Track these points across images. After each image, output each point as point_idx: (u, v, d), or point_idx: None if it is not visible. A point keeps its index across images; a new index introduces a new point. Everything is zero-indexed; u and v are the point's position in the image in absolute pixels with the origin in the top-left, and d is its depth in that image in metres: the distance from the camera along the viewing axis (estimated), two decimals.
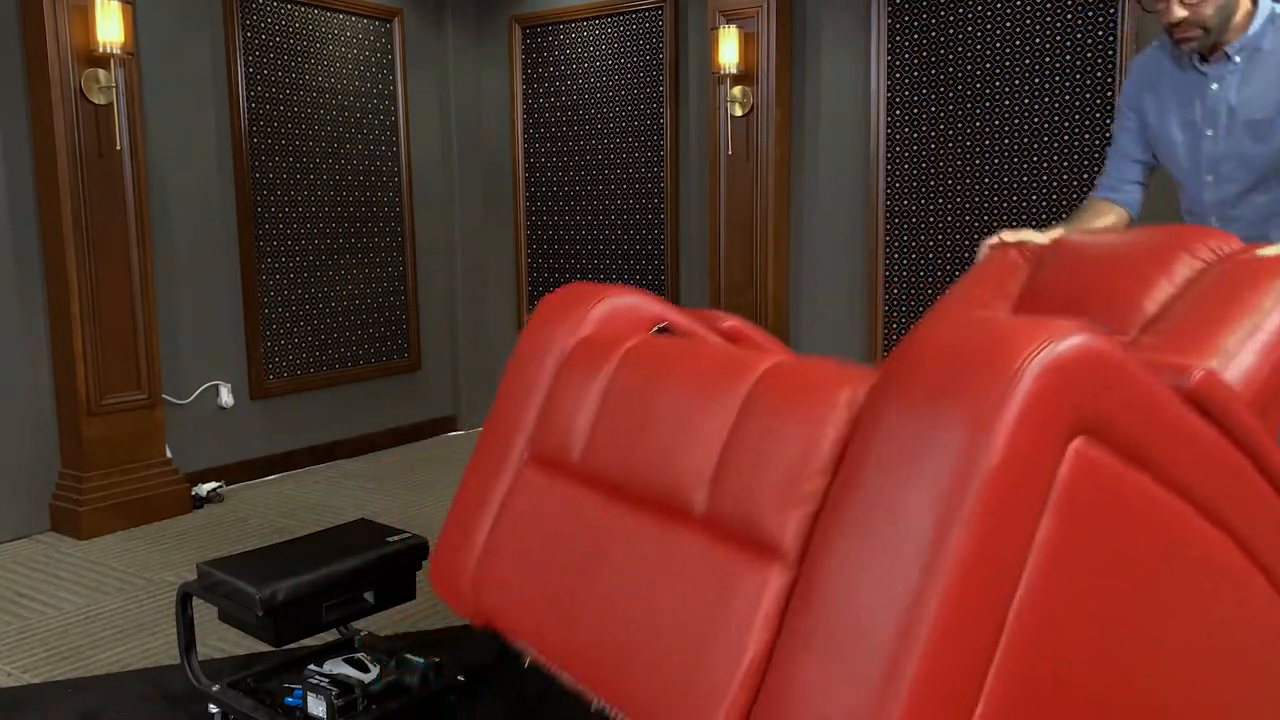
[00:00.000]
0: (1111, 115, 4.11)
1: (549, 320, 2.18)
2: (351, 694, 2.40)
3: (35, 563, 3.86)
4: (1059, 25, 4.21)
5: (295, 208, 5.12)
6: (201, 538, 4.10)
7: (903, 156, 4.66)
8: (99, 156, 4.06)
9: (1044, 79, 4.26)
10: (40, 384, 4.17)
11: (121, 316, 4.19)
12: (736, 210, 4.93)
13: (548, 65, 5.72)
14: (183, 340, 4.64)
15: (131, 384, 4.24)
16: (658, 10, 5.30)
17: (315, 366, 5.27)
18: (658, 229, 5.45)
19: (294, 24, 5.06)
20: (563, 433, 2.01)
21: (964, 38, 4.44)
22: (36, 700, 2.74)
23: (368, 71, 5.41)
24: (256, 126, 4.93)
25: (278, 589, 2.37)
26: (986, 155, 4.43)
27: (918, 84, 4.59)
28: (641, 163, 5.46)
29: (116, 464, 4.21)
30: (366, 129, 5.43)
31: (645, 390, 1.85)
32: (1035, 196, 4.30)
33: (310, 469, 5.20)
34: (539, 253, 5.90)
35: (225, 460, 4.83)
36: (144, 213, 4.23)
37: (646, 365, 1.91)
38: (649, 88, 5.38)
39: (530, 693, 2.71)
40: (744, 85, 4.83)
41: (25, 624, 3.27)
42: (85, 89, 3.99)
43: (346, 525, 2.92)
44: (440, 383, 5.95)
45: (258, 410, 5.01)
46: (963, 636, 1.21)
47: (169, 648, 3.02)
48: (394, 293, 5.64)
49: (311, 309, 5.23)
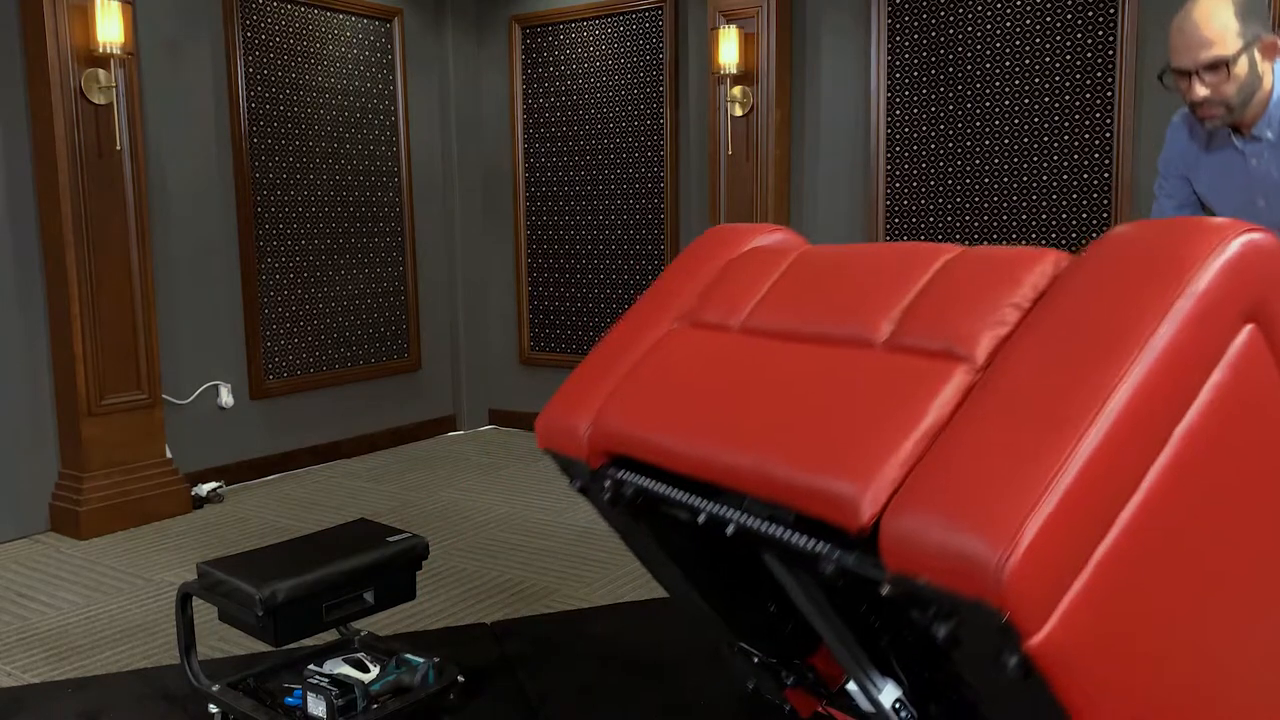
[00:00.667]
0: (1111, 115, 4.11)
1: (719, 235, 2.28)
2: (351, 694, 2.40)
3: (35, 563, 3.86)
4: (1059, 25, 4.21)
5: (295, 208, 5.12)
6: (201, 538, 4.10)
7: (903, 156, 4.66)
8: (99, 156, 4.06)
9: (1044, 79, 4.26)
10: (40, 384, 4.17)
11: (121, 316, 4.19)
12: (736, 210, 4.93)
13: (548, 65, 5.72)
14: (183, 340, 4.64)
15: (131, 384, 4.24)
16: (658, 10, 5.30)
17: (315, 366, 5.27)
18: (658, 229, 5.44)
19: (294, 24, 5.06)
20: (726, 306, 2.03)
21: (964, 38, 4.44)
22: (36, 700, 2.74)
23: (368, 71, 5.41)
24: (256, 126, 4.93)
25: (278, 589, 2.37)
26: (986, 155, 4.43)
27: (918, 84, 4.59)
28: (641, 163, 5.46)
29: (116, 464, 4.21)
30: (366, 129, 5.43)
31: (828, 266, 1.95)
32: (1035, 196, 4.30)
33: (310, 469, 5.20)
34: (539, 253, 5.90)
35: (225, 460, 4.83)
36: (144, 213, 4.23)
37: (829, 255, 2.01)
38: (649, 88, 5.38)
39: (530, 693, 2.72)
40: (744, 85, 4.83)
41: (25, 624, 3.27)
42: (85, 89, 3.99)
43: (346, 525, 2.93)
44: (440, 383, 5.95)
45: (258, 410, 5.01)
46: (1115, 464, 1.31)
47: (169, 648, 3.02)
48: (394, 293, 5.64)
49: (311, 309, 5.24)
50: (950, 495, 1.36)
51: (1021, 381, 1.43)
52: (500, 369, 6.09)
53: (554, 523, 4.23)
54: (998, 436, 1.38)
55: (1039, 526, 1.25)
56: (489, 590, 3.49)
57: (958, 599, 1.31)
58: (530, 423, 6.78)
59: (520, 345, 5.99)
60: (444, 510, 4.44)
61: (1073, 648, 1.32)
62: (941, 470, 1.41)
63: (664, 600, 3.42)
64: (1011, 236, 4.34)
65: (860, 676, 1.97)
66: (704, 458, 1.75)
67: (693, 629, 3.11)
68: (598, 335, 5.70)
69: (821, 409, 1.65)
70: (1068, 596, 1.29)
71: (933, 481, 1.40)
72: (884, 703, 2.00)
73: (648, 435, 1.91)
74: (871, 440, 1.51)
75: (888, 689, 2.02)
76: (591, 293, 5.72)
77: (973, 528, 1.29)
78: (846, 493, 1.48)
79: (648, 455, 1.88)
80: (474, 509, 4.45)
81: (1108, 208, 4.15)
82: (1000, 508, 1.28)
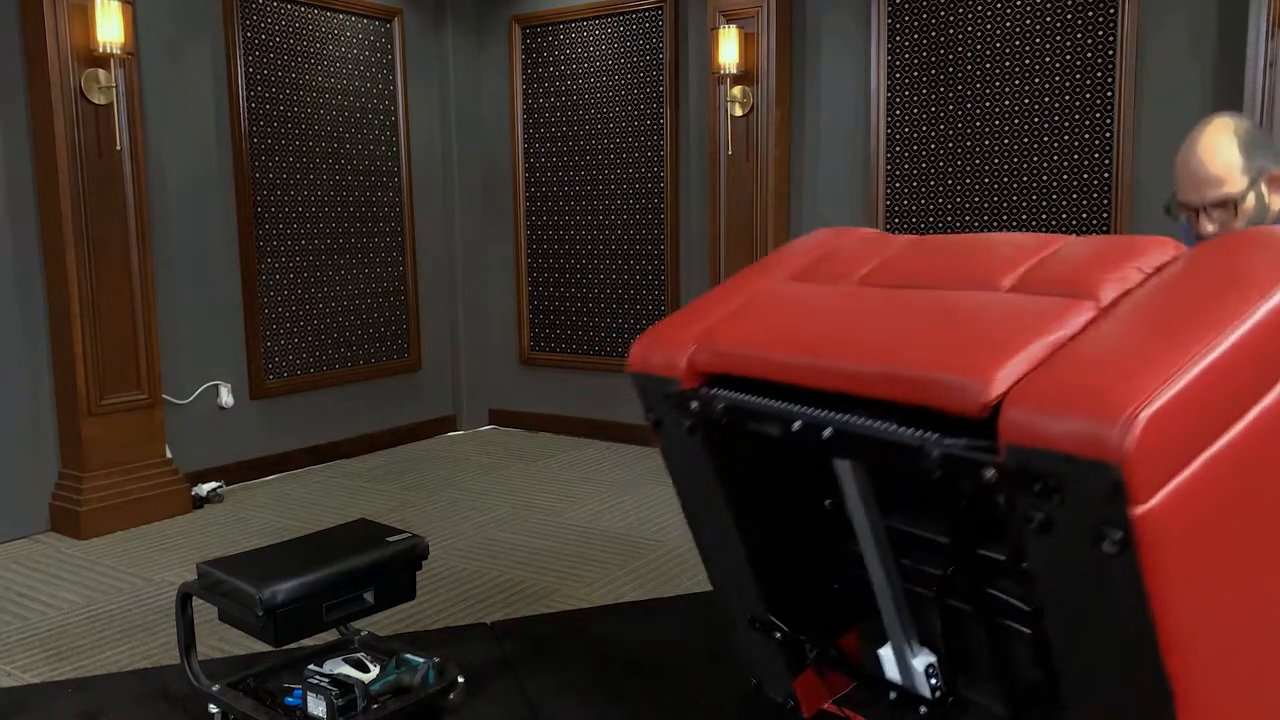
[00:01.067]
0: (1111, 115, 4.11)
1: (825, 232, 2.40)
2: (351, 694, 2.40)
3: (35, 563, 3.86)
4: (1059, 25, 4.21)
5: (295, 208, 5.12)
6: (201, 538, 4.10)
7: (903, 156, 4.66)
8: (99, 156, 4.06)
9: (1044, 79, 4.26)
10: (40, 384, 4.17)
11: (121, 316, 4.19)
12: (736, 210, 4.94)
13: (548, 65, 5.72)
14: (183, 340, 4.64)
15: (131, 384, 4.24)
16: (658, 10, 5.30)
17: (315, 366, 5.27)
18: (658, 229, 5.44)
19: (294, 24, 5.06)
20: (840, 267, 2.13)
21: (964, 38, 4.44)
22: (36, 700, 2.74)
23: (368, 71, 5.41)
24: (256, 126, 4.93)
25: (278, 589, 2.37)
26: (986, 155, 4.44)
27: (918, 84, 4.59)
28: (641, 163, 5.46)
29: (116, 464, 4.21)
30: (366, 129, 5.43)
31: (945, 243, 2.08)
32: (1035, 196, 4.30)
33: (310, 469, 5.20)
34: (539, 253, 5.90)
35: (225, 460, 4.83)
36: (144, 213, 4.23)
37: (945, 238, 2.15)
38: (649, 88, 5.38)
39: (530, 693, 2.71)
40: (744, 85, 4.83)
41: (25, 624, 3.27)
42: (85, 89, 3.99)
43: (346, 525, 2.93)
44: (440, 383, 5.95)
45: (258, 410, 5.01)
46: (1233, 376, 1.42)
47: (169, 648, 3.02)
48: (394, 293, 5.64)
49: (311, 309, 5.24)
50: (1079, 372, 1.47)
51: (1149, 307, 1.57)
52: (500, 369, 6.09)
53: (554, 523, 4.23)
54: (1126, 339, 1.50)
55: (1162, 404, 1.35)
56: (489, 590, 3.49)
57: (1075, 461, 1.39)
58: (530, 423, 6.75)
59: (520, 345, 5.99)
60: (444, 510, 4.44)
61: (1175, 528, 1.39)
62: (1070, 359, 1.52)
63: (664, 600, 3.42)
64: None
65: (900, 632, 2.05)
66: (815, 365, 1.82)
67: (699, 624, 3.12)
68: (598, 335, 5.70)
69: (944, 327, 1.73)
70: (1180, 477, 1.38)
71: (1062, 365, 1.51)
72: (917, 666, 2.08)
73: (757, 351, 1.98)
74: (997, 342, 1.60)
75: (922, 654, 2.10)
76: (591, 293, 5.72)
77: (1099, 396, 1.39)
78: (972, 376, 1.56)
79: (754, 369, 1.95)
80: (474, 509, 4.45)
81: (1108, 208, 4.15)
82: (1127, 384, 1.39)
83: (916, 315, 1.82)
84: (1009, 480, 1.50)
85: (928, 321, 1.78)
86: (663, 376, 2.10)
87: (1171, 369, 1.39)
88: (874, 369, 1.71)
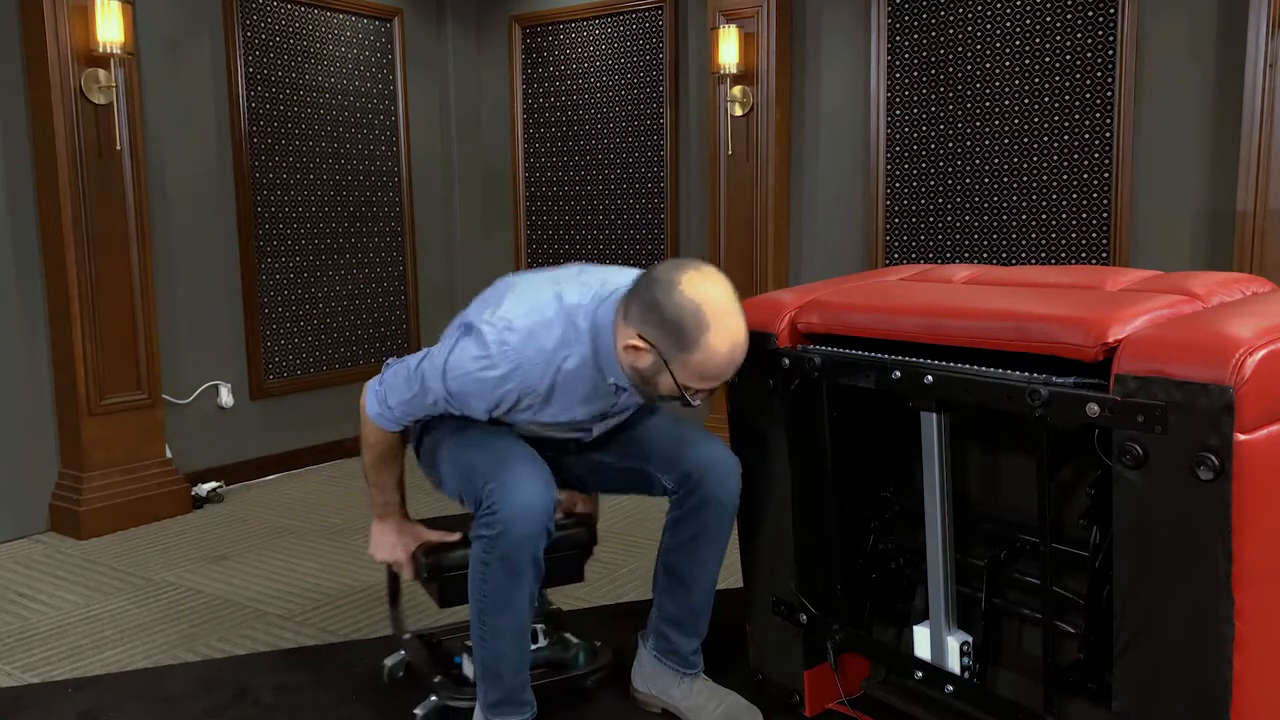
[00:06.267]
0: (1111, 115, 4.11)
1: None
2: None
3: (35, 563, 3.86)
4: (1059, 25, 4.21)
5: (295, 207, 5.12)
6: (201, 538, 4.10)
7: (903, 156, 4.66)
8: (99, 156, 4.06)
9: (1044, 79, 4.26)
10: (40, 384, 4.17)
11: (121, 316, 4.19)
12: (737, 210, 4.94)
13: (548, 65, 5.72)
14: (182, 340, 4.64)
15: (131, 384, 4.24)
16: (658, 10, 5.30)
17: (315, 366, 5.27)
18: (658, 229, 5.44)
19: (294, 24, 5.06)
20: (942, 274, 2.39)
21: (964, 38, 4.44)
22: (36, 700, 2.74)
23: (368, 71, 5.41)
24: (256, 126, 4.93)
25: (443, 558, 2.53)
26: (986, 155, 4.43)
27: (918, 84, 4.59)
28: (641, 163, 5.46)
29: (116, 464, 4.21)
30: (366, 129, 5.43)
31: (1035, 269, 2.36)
32: (1035, 196, 4.30)
33: (310, 469, 5.20)
34: (539, 253, 5.90)
35: (225, 460, 4.83)
36: (144, 213, 4.23)
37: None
38: (649, 88, 5.38)
39: None
40: (744, 85, 4.83)
41: (25, 624, 3.27)
42: (85, 89, 3.99)
43: None
44: None
45: (258, 410, 5.01)
46: None
47: (169, 647, 3.02)
48: (394, 292, 5.64)
49: (311, 309, 5.24)
50: (1192, 328, 1.68)
51: (1253, 305, 1.81)
52: None
53: None
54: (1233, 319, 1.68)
55: (1271, 351, 1.56)
56: None
57: (1189, 387, 1.56)
58: None
59: None
60: (444, 510, 4.42)
61: (1270, 466, 1.55)
62: (1183, 323, 1.73)
63: None
64: (1011, 235, 4.34)
65: (942, 605, 2.15)
66: (939, 325, 2.00)
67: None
68: None
69: (1060, 302, 1.92)
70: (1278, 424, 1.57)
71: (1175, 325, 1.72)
72: (952, 643, 2.18)
73: (864, 313, 2.16)
74: (1115, 309, 1.80)
75: (958, 633, 2.21)
76: None
77: (1215, 338, 1.60)
78: (1093, 324, 1.75)
79: (860, 328, 2.14)
80: None
81: (1108, 208, 4.15)
82: (1239, 335, 1.59)
83: (1031, 296, 2.01)
84: (1112, 414, 1.65)
85: (1043, 298, 1.97)
86: (759, 332, 2.20)
87: (1276, 336, 1.58)
88: (1000, 323, 1.89)
